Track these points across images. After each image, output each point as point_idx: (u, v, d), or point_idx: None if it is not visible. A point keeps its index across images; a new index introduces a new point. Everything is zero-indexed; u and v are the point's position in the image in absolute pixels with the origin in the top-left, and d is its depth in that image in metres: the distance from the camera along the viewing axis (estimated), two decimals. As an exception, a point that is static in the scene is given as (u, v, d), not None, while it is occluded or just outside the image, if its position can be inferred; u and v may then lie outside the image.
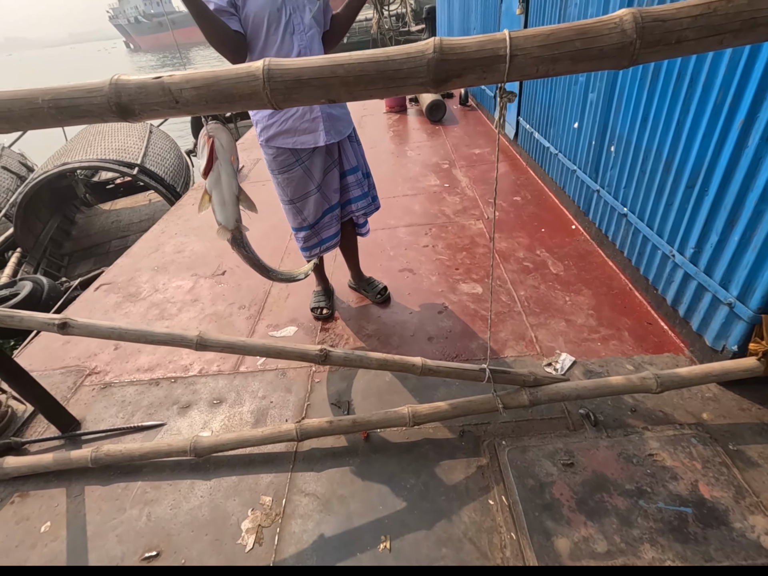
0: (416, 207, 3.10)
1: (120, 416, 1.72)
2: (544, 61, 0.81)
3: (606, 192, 2.17)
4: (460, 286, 2.21)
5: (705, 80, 1.42)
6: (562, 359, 1.68)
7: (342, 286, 2.33)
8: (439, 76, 0.82)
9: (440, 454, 1.42)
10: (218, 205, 1.18)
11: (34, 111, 0.90)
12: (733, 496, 1.14)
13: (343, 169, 1.81)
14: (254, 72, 0.83)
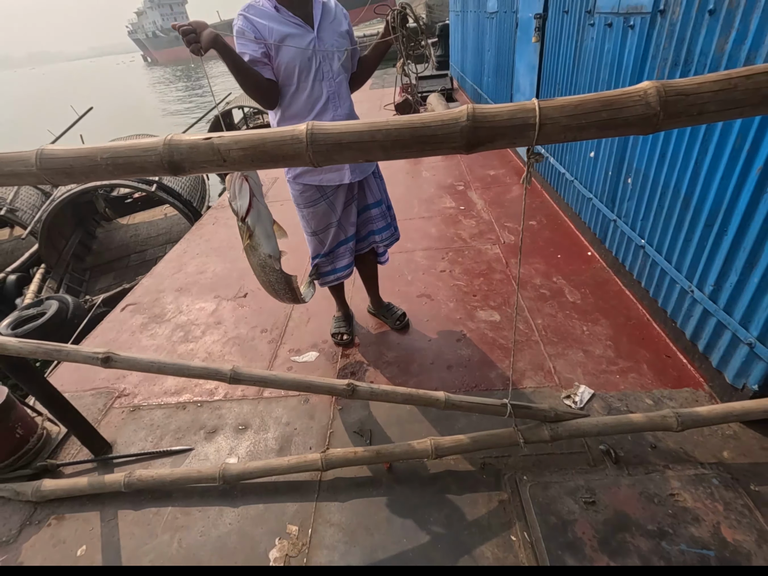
0: (432, 230, 3.16)
1: (149, 440, 1.78)
2: (572, 129, 0.85)
3: (623, 222, 2.20)
4: (478, 313, 2.25)
5: (722, 127, 1.46)
6: (581, 392, 1.71)
7: (361, 311, 2.38)
8: (471, 141, 0.87)
9: (462, 487, 1.45)
10: (264, 238, 1.27)
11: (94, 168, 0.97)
12: (756, 540, 1.15)
13: (366, 202, 1.88)
14: (298, 136, 0.89)
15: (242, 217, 1.28)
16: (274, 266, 1.40)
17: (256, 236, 1.31)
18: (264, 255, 1.37)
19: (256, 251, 1.36)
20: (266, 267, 1.40)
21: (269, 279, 1.46)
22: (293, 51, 1.48)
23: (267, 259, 1.38)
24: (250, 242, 1.35)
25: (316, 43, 1.51)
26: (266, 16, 1.46)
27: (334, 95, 1.59)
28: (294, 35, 1.47)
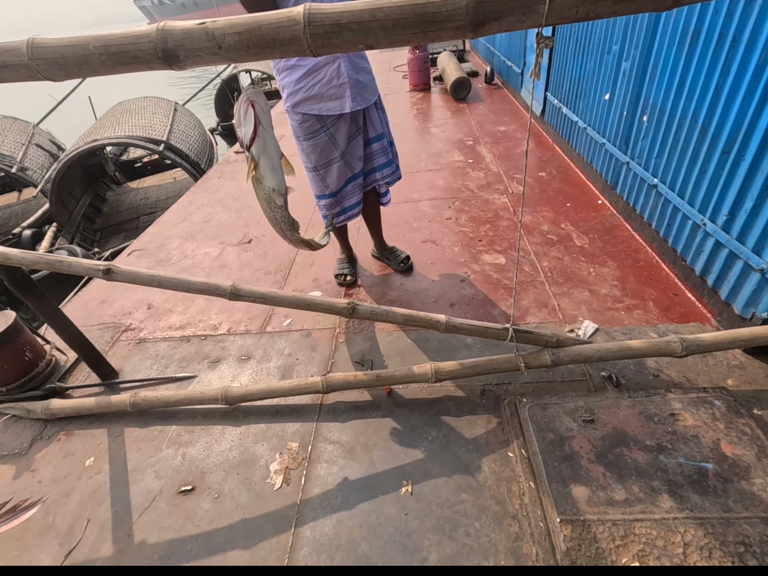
0: (440, 182, 3.10)
1: (154, 368, 1.81)
2: (585, 2, 0.80)
3: (636, 164, 2.13)
4: (483, 256, 2.22)
5: (748, 39, 1.38)
6: (585, 326, 1.69)
7: (365, 256, 2.36)
8: (477, 18, 0.82)
9: (461, 410, 1.46)
10: (269, 170, 1.20)
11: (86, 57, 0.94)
12: (756, 454, 1.14)
13: (368, 136, 1.83)
14: (295, 17, 0.85)
15: (247, 145, 1.19)
16: (278, 202, 1.33)
17: (260, 167, 1.23)
18: (268, 188, 1.29)
19: (261, 184, 1.28)
20: (271, 203, 1.33)
21: (275, 216, 1.38)
22: None
23: (271, 194, 1.30)
24: (254, 174, 1.27)
25: None
26: None
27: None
28: None
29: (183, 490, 1.33)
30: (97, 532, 1.25)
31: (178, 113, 7.04)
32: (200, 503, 1.29)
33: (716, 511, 1.04)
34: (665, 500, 1.07)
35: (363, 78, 1.68)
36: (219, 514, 1.26)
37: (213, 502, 1.29)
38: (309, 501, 1.26)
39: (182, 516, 1.27)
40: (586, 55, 2.67)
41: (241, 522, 1.23)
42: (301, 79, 1.60)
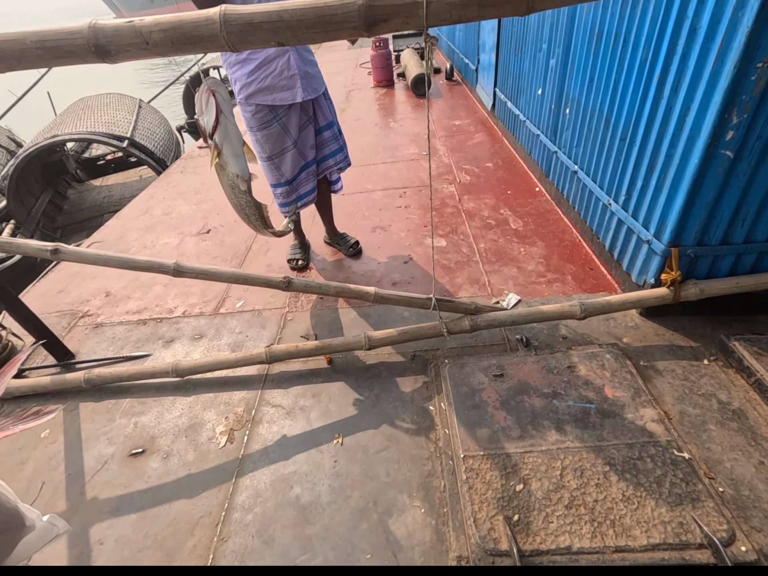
0: (394, 173, 3.25)
1: (110, 350, 1.90)
2: (456, 6, 0.95)
3: (562, 153, 2.33)
4: (427, 240, 2.38)
5: (633, 39, 1.57)
6: (509, 298, 1.87)
7: (318, 243, 2.49)
8: (368, 20, 0.97)
9: (392, 373, 1.61)
10: (232, 157, 1.26)
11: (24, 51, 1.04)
12: (632, 395, 1.33)
13: (318, 125, 1.95)
14: (212, 17, 0.97)
15: (210, 133, 1.24)
16: (242, 188, 1.38)
17: (224, 154, 1.29)
18: (232, 174, 1.34)
19: (225, 170, 1.34)
20: (235, 188, 1.39)
21: (239, 202, 1.44)
22: None
23: (235, 179, 1.36)
24: (218, 161, 1.31)
25: None
26: None
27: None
28: None
29: (134, 453, 1.44)
30: (51, 492, 1.36)
31: (142, 110, 6.98)
32: (150, 463, 1.41)
33: (592, 441, 1.22)
34: (552, 435, 1.25)
35: (311, 70, 1.81)
36: (167, 471, 1.38)
37: (161, 461, 1.41)
38: (249, 456, 1.39)
39: (132, 475, 1.38)
40: (524, 53, 2.87)
41: (187, 477, 1.36)
42: (253, 71, 1.71)
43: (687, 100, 1.33)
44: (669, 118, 1.42)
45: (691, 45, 1.30)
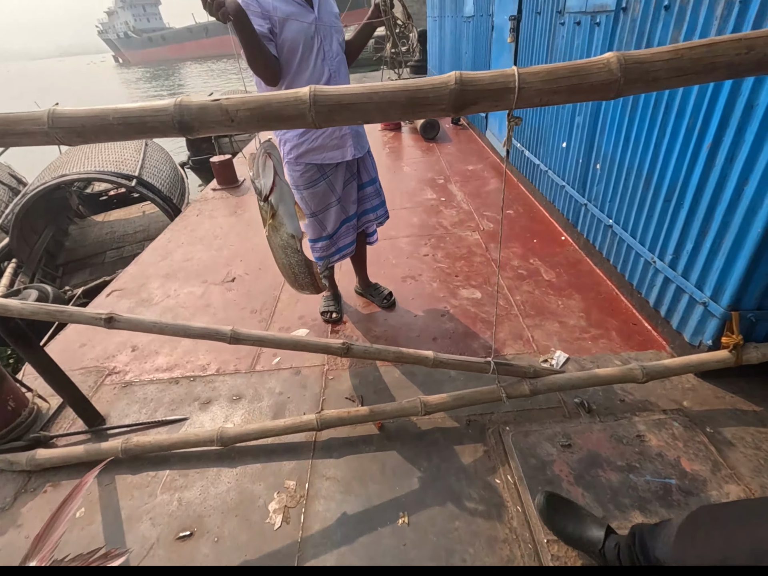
0: (415, 219, 3.28)
1: (143, 412, 1.81)
2: (546, 93, 0.97)
3: (593, 205, 2.37)
4: (461, 291, 2.37)
5: (678, 108, 1.63)
6: (557, 356, 1.84)
7: (349, 292, 2.46)
8: (458, 103, 0.97)
9: (449, 440, 1.55)
10: (287, 217, 1.28)
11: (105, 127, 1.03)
12: (711, 469, 1.29)
13: (361, 181, 1.97)
14: (302, 97, 0.97)
15: (266, 195, 1.26)
16: (296, 247, 1.39)
17: (279, 215, 1.31)
18: (287, 235, 1.35)
19: (279, 231, 1.35)
20: (288, 248, 1.39)
21: (290, 261, 1.43)
22: (297, 29, 1.55)
23: (290, 240, 1.36)
24: (272, 222, 1.32)
25: (318, 22, 1.59)
26: None
27: (335, 73, 1.68)
28: (297, 14, 1.55)
29: (181, 536, 1.34)
30: (94, 586, 1.24)
31: (149, 148, 7.04)
32: (200, 548, 1.30)
33: (681, 523, 1.16)
34: (636, 515, 1.19)
35: (360, 128, 1.84)
36: (220, 557, 1.28)
37: (213, 545, 1.31)
38: (309, 538, 1.30)
39: (182, 562, 1.27)
40: (544, 109, 2.97)
41: (244, 564, 1.25)
42: (305, 132, 1.72)
43: (745, 171, 1.36)
44: (724, 186, 1.45)
45: (748, 120, 1.34)
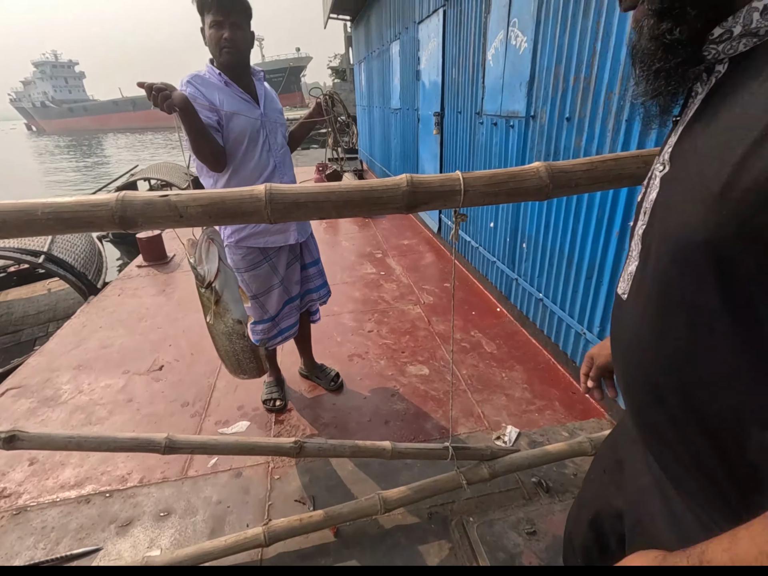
0: (357, 293, 3.30)
1: (40, 546, 1.47)
2: (489, 195, 1.06)
3: (523, 280, 2.56)
4: (408, 368, 2.35)
5: (587, 202, 1.87)
6: (509, 432, 1.85)
7: (293, 374, 2.34)
8: (410, 203, 1.03)
9: (412, 539, 1.43)
10: (232, 302, 1.24)
11: (31, 222, 0.93)
12: (668, 542, 1.31)
13: (304, 262, 1.97)
14: (258, 195, 0.96)
15: (209, 282, 1.21)
16: (242, 332, 1.33)
17: (224, 302, 1.26)
18: (233, 321, 1.29)
19: (223, 318, 1.28)
20: (233, 335, 1.32)
21: (235, 348, 1.36)
22: (243, 123, 1.60)
23: (236, 326, 1.30)
24: (215, 309, 1.26)
25: (263, 118, 1.66)
26: (216, 87, 1.58)
27: (280, 164, 1.74)
28: (244, 109, 1.60)
29: None
30: None
31: (63, 220, 6.54)
32: None
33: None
34: (612, 607, 1.15)
35: None
36: None
37: None
38: None
39: None
40: (469, 191, 3.27)
41: None
42: None
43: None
44: (635, 268, 1.65)
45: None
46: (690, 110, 0.50)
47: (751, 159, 0.37)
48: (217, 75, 1.59)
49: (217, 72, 1.59)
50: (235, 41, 1.56)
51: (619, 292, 0.61)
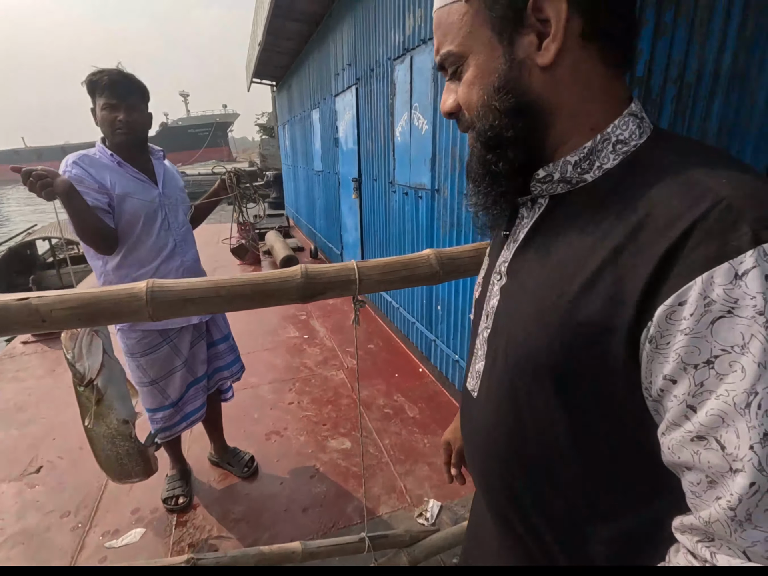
0: (278, 361, 3.16)
1: None
2: (384, 282, 1.08)
3: (441, 342, 2.63)
4: (329, 443, 2.24)
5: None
6: (431, 507, 1.80)
7: (202, 462, 2.11)
8: (305, 294, 1.02)
9: None
10: (118, 400, 1.12)
11: None
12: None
13: (212, 339, 1.86)
14: (137, 294, 0.89)
15: (89, 380, 1.08)
16: (128, 433, 1.19)
17: (107, 400, 1.12)
18: (117, 422, 1.15)
19: (106, 419, 1.14)
20: (117, 437, 1.17)
21: (118, 453, 1.21)
22: (138, 203, 1.53)
23: (121, 427, 1.16)
24: (96, 409, 1.12)
25: (162, 198, 1.60)
26: (107, 168, 1.50)
27: (181, 243, 1.68)
28: (138, 189, 1.54)
29: None
30: None
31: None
32: None
33: None
34: None
35: None
36: None
37: None
38: None
39: None
40: (389, 251, 3.39)
41: None
42: None
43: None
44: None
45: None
46: (519, 232, 0.55)
47: (584, 298, 0.41)
48: (109, 156, 1.52)
49: (108, 152, 1.53)
50: (132, 123, 1.52)
51: (468, 388, 0.62)
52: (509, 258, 0.55)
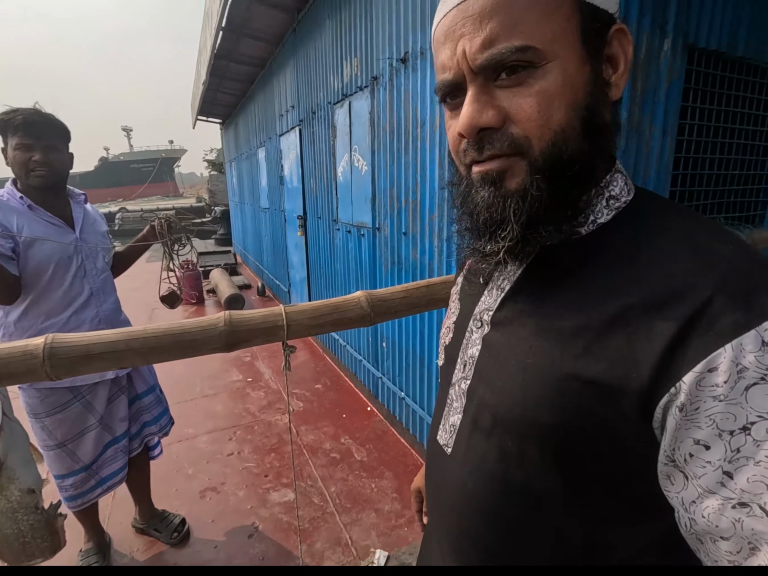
0: (219, 407, 2.97)
1: None
2: (313, 327, 1.05)
3: (387, 379, 2.60)
4: (271, 495, 2.10)
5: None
6: (377, 558, 1.71)
7: (123, 531, 1.89)
8: (230, 343, 0.96)
9: None
10: (22, 467, 1.00)
11: None
12: None
13: (135, 392, 1.71)
14: (32, 351, 0.80)
15: None
16: (33, 504, 1.04)
17: (7, 469, 0.99)
18: (20, 493, 1.01)
19: (6, 492, 1.00)
20: (20, 511, 1.03)
21: (21, 529, 1.05)
22: (49, 249, 1.41)
23: (24, 498, 1.02)
24: None
25: (78, 243, 1.49)
26: (15, 211, 1.39)
27: (98, 291, 1.56)
28: (52, 234, 1.43)
29: None
30: None
31: None
32: None
33: None
34: None
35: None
36: None
37: None
38: None
39: None
40: (333, 285, 3.37)
41: None
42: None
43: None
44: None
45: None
46: (504, 280, 0.51)
47: (591, 355, 0.39)
48: (18, 198, 1.42)
49: (18, 195, 1.42)
50: (50, 164, 1.43)
51: (440, 443, 0.56)
52: (494, 307, 0.51)
